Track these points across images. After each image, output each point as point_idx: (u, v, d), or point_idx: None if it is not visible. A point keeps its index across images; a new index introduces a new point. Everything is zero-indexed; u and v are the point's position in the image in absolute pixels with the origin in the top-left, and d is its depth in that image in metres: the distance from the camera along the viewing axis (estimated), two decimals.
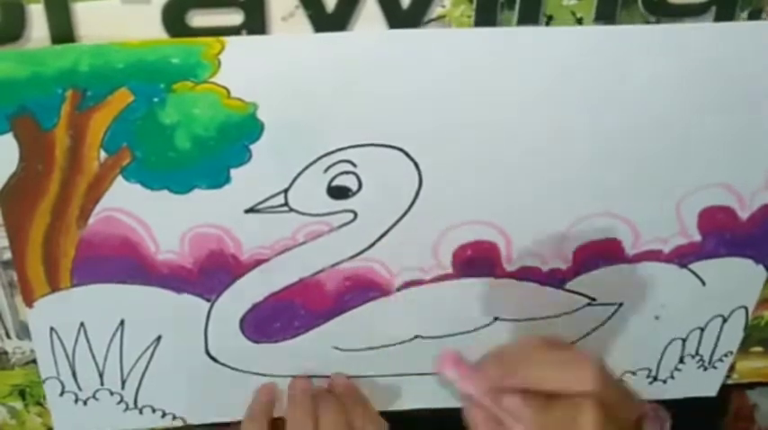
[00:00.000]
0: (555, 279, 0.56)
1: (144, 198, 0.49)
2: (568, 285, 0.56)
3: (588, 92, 0.48)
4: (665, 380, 0.63)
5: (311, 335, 0.56)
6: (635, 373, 0.63)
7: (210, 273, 0.52)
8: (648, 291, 0.58)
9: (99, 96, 0.45)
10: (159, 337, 0.55)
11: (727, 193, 0.54)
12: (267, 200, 0.50)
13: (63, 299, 0.52)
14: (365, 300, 0.55)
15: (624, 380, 0.51)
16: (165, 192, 0.49)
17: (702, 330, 0.61)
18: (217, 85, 0.45)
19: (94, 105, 0.46)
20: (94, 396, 0.57)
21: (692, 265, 0.57)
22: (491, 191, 0.52)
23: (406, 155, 0.49)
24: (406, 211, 0.52)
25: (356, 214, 0.51)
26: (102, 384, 0.57)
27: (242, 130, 0.47)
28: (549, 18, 0.46)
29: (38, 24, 0.43)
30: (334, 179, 0.50)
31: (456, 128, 0.49)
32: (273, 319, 0.55)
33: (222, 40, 0.44)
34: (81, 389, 0.57)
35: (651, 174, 0.52)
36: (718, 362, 0.63)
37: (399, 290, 0.55)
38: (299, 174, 0.49)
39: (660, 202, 0.54)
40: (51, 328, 0.54)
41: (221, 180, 0.49)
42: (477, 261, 0.54)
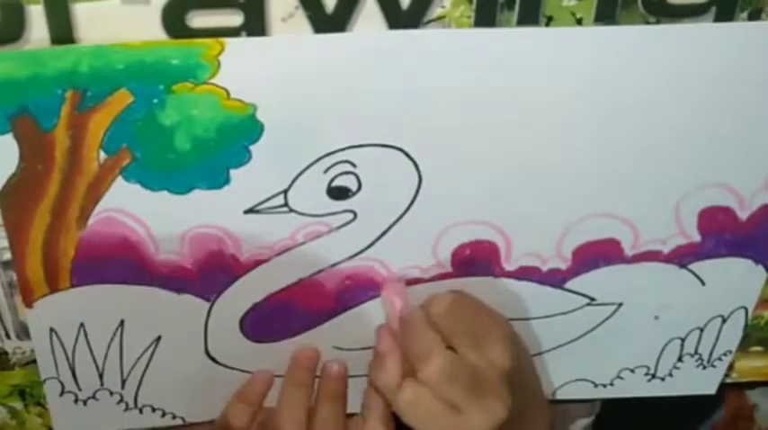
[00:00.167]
0: (554, 279, 0.56)
1: (144, 199, 0.49)
2: (568, 285, 0.56)
3: (588, 92, 0.48)
4: (663, 378, 0.63)
5: (311, 335, 0.56)
6: (633, 371, 0.63)
7: (210, 273, 0.52)
8: (648, 291, 0.57)
9: (99, 97, 0.45)
10: (159, 337, 0.55)
11: (726, 193, 0.54)
12: (267, 200, 0.50)
13: (63, 299, 0.52)
14: (365, 299, 0.55)
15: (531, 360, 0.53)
16: (165, 193, 0.49)
17: (702, 330, 0.61)
18: (216, 86, 0.45)
19: (94, 106, 0.46)
20: (94, 396, 0.57)
21: (691, 265, 0.57)
22: (490, 190, 0.52)
23: (406, 155, 0.49)
24: (405, 211, 0.52)
25: (356, 214, 0.51)
26: (102, 384, 0.57)
27: (241, 131, 0.47)
28: (549, 19, 0.46)
29: (37, 25, 0.43)
30: (333, 179, 0.50)
31: (455, 128, 0.49)
32: (273, 319, 0.55)
33: (222, 41, 0.44)
34: (81, 389, 0.57)
35: (651, 174, 0.52)
36: (717, 361, 0.63)
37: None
38: (298, 175, 0.49)
39: (660, 202, 0.54)
40: (51, 329, 0.54)
41: (221, 181, 0.49)
42: (477, 260, 0.54)
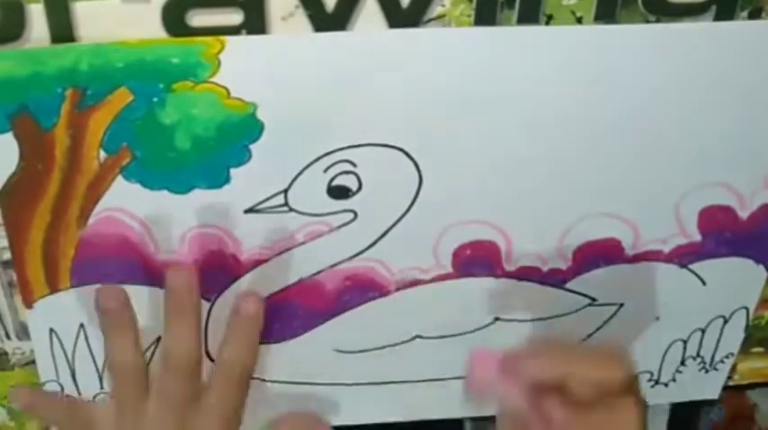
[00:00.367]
0: (555, 279, 0.56)
1: (144, 198, 0.49)
2: (569, 285, 0.56)
3: (588, 91, 0.48)
4: (666, 384, 0.63)
5: (311, 336, 0.56)
6: None
7: (210, 273, 0.52)
8: (649, 291, 0.57)
9: (99, 96, 0.45)
10: (159, 338, 0.55)
11: (727, 193, 0.54)
12: (267, 200, 0.50)
13: (62, 299, 0.52)
14: (365, 299, 0.55)
15: None
16: (165, 193, 0.49)
17: (703, 331, 0.61)
18: (216, 84, 0.45)
19: (94, 105, 0.46)
20: (94, 399, 0.57)
21: (692, 265, 0.57)
22: (491, 190, 0.52)
23: (406, 154, 0.49)
24: (405, 211, 0.51)
25: (356, 214, 0.51)
26: (102, 388, 0.57)
27: (242, 130, 0.47)
28: (549, 17, 0.46)
29: (38, 24, 0.43)
30: (334, 179, 0.50)
31: (456, 127, 0.49)
32: (273, 320, 0.54)
33: (222, 39, 0.44)
34: (80, 392, 0.57)
35: (651, 174, 0.52)
36: (719, 364, 0.63)
37: (399, 289, 0.54)
38: (298, 174, 0.49)
39: (660, 202, 0.54)
40: (51, 329, 0.54)
41: (221, 180, 0.49)
42: (477, 261, 0.54)
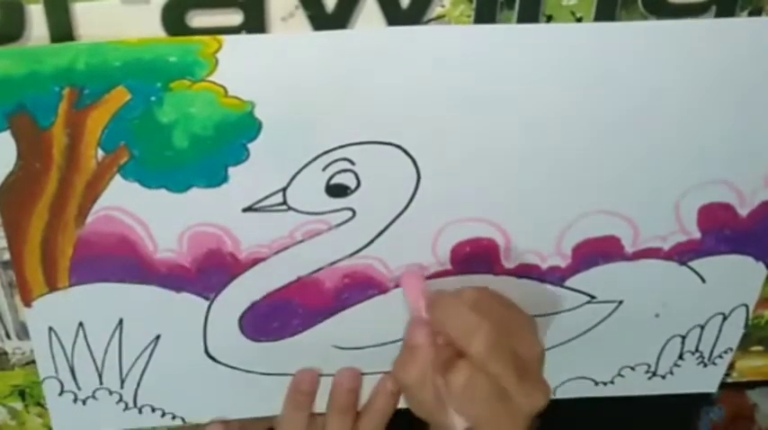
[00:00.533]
0: (554, 276, 0.56)
1: (142, 197, 0.48)
2: (568, 283, 0.56)
3: (588, 89, 0.48)
4: (663, 376, 0.63)
5: (310, 334, 0.56)
6: (633, 369, 0.63)
7: (209, 271, 0.52)
8: (648, 288, 0.57)
9: (96, 94, 0.45)
10: (158, 336, 0.55)
11: (726, 190, 0.54)
12: (265, 198, 0.50)
13: (61, 298, 0.52)
14: (364, 297, 0.55)
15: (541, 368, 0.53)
16: (163, 191, 0.49)
17: (702, 328, 0.61)
18: (214, 83, 0.45)
19: (92, 104, 0.45)
20: (93, 395, 0.57)
21: (691, 263, 0.57)
22: (489, 188, 0.51)
23: (405, 152, 0.49)
24: (404, 209, 0.51)
25: (354, 212, 0.51)
26: (102, 383, 0.57)
27: (239, 129, 0.47)
28: (549, 18, 0.46)
29: (37, 24, 0.43)
30: (332, 177, 0.49)
31: (454, 125, 0.49)
32: (272, 318, 0.55)
33: (219, 38, 0.44)
34: (80, 388, 0.57)
35: (650, 172, 0.52)
36: (717, 359, 0.63)
37: (398, 287, 0.54)
38: (297, 173, 0.49)
39: (660, 200, 0.53)
40: (50, 328, 0.54)
41: (219, 179, 0.49)
42: (476, 258, 0.54)
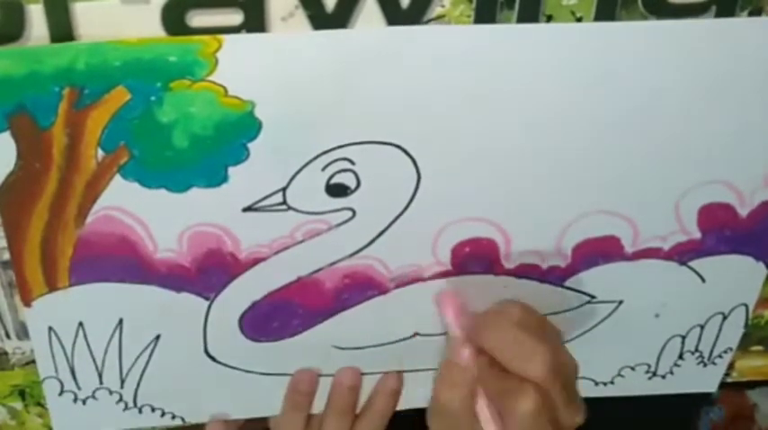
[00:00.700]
0: (554, 276, 0.56)
1: (142, 197, 0.48)
2: (567, 283, 0.56)
3: (588, 89, 0.48)
4: (663, 376, 0.63)
5: (310, 334, 0.56)
6: (633, 369, 0.63)
7: (209, 271, 0.52)
8: (648, 288, 0.57)
9: (96, 94, 0.45)
10: (158, 336, 0.55)
11: (726, 190, 0.54)
12: (265, 198, 0.50)
13: (61, 298, 0.52)
14: (364, 298, 0.55)
15: (577, 384, 0.52)
16: (163, 191, 0.48)
17: (702, 327, 0.61)
18: (214, 83, 0.45)
19: (91, 103, 0.45)
20: (93, 395, 0.57)
21: (691, 263, 0.57)
22: (489, 188, 0.51)
23: (405, 152, 0.49)
24: (404, 209, 0.51)
25: (354, 212, 0.51)
26: (101, 383, 0.57)
27: (239, 129, 0.47)
28: (549, 18, 0.46)
29: (37, 24, 0.43)
30: (332, 177, 0.49)
31: (454, 125, 0.49)
32: (272, 318, 0.55)
33: (219, 37, 0.44)
34: (80, 388, 0.57)
35: (650, 172, 0.52)
36: (717, 359, 0.63)
37: (398, 287, 0.54)
38: (297, 173, 0.49)
39: (660, 200, 0.53)
40: (50, 328, 0.54)
41: (219, 178, 0.49)
42: (476, 258, 0.54)
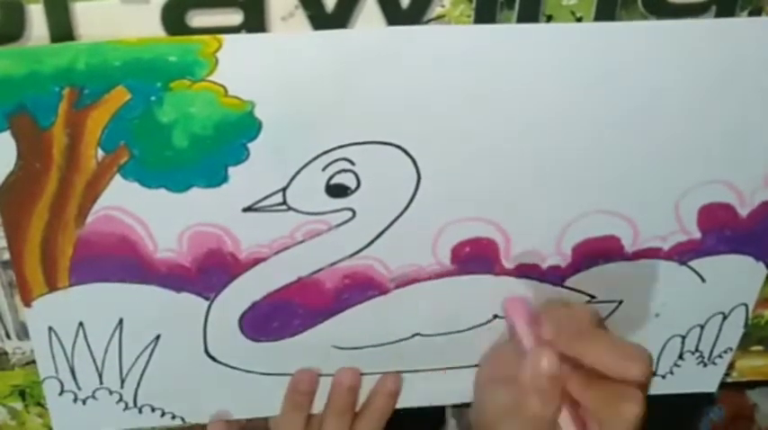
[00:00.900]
0: (554, 276, 0.56)
1: (142, 196, 0.48)
2: (568, 282, 0.56)
3: (588, 89, 0.48)
4: (663, 376, 0.63)
5: (310, 334, 0.56)
6: None
7: (209, 271, 0.52)
8: (648, 288, 0.57)
9: (96, 94, 0.45)
10: (158, 336, 0.55)
11: (727, 190, 0.54)
12: (265, 198, 0.50)
13: (61, 298, 0.52)
14: (364, 298, 0.55)
15: None
16: (163, 191, 0.48)
17: (702, 327, 0.61)
18: (214, 83, 0.45)
19: (92, 103, 0.45)
20: (93, 395, 0.57)
21: (691, 263, 0.57)
22: (490, 187, 0.51)
23: (405, 152, 0.49)
24: (404, 209, 0.51)
25: (355, 212, 0.51)
26: (102, 383, 0.57)
27: (240, 129, 0.47)
28: (549, 18, 0.46)
29: (37, 24, 0.43)
30: (332, 177, 0.49)
31: (455, 125, 0.49)
32: (272, 318, 0.55)
33: (219, 37, 0.44)
34: (80, 388, 0.57)
35: (651, 172, 0.52)
36: (717, 359, 0.63)
37: (398, 288, 0.54)
38: (297, 173, 0.49)
39: (660, 200, 0.53)
40: (50, 328, 0.54)
41: (219, 178, 0.49)
42: (476, 258, 0.54)
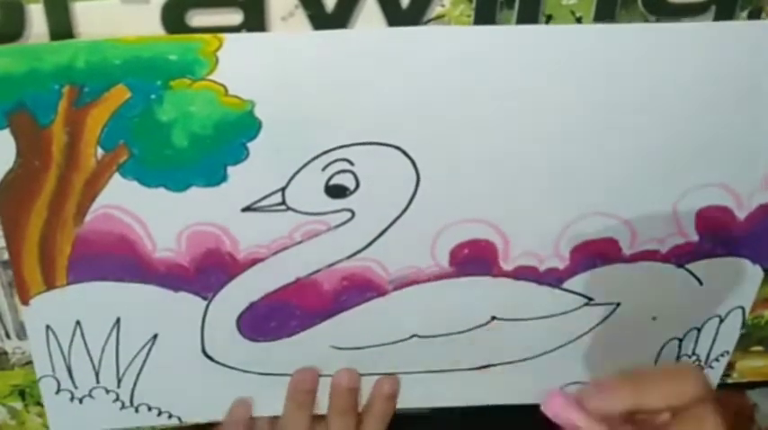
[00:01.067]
0: (552, 278, 0.56)
1: (141, 195, 0.48)
2: (565, 285, 0.56)
3: (587, 90, 0.48)
4: None
5: (308, 335, 0.56)
6: None
7: (207, 271, 0.52)
8: (646, 290, 0.57)
9: (96, 93, 0.45)
10: (155, 335, 0.55)
11: (724, 193, 0.54)
12: (264, 198, 0.50)
13: (59, 296, 0.52)
14: (362, 300, 0.55)
15: None
16: (162, 190, 0.48)
17: (699, 330, 0.61)
18: (214, 82, 0.45)
19: (91, 102, 0.45)
20: (90, 394, 0.57)
21: (689, 265, 0.57)
22: (488, 189, 0.51)
23: (404, 153, 0.49)
24: (403, 210, 0.51)
25: (354, 213, 0.51)
26: (98, 382, 0.57)
27: (239, 128, 0.47)
28: (549, 17, 0.46)
29: (37, 24, 0.43)
30: (331, 178, 0.49)
31: (454, 126, 0.49)
32: (270, 318, 0.55)
33: (220, 36, 0.44)
34: (77, 387, 0.57)
35: (649, 174, 0.52)
36: (714, 362, 0.63)
37: (397, 289, 0.54)
38: (296, 173, 0.49)
39: (658, 202, 0.54)
40: (47, 326, 0.54)
41: (218, 178, 0.49)
42: (475, 260, 0.54)
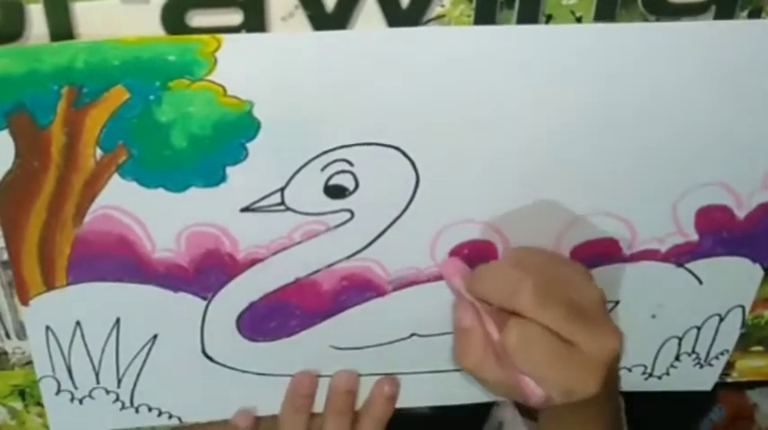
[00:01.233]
0: None
1: (140, 196, 0.48)
2: None
3: (587, 90, 0.48)
4: (660, 377, 0.64)
5: (308, 335, 0.56)
6: (630, 370, 0.63)
7: (207, 271, 0.52)
8: (645, 289, 0.57)
9: (95, 93, 0.45)
10: (155, 336, 0.55)
11: (724, 193, 0.54)
12: (264, 198, 0.50)
13: (58, 297, 0.52)
14: (362, 300, 0.55)
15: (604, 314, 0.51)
16: (161, 191, 0.48)
17: (699, 329, 0.61)
18: (213, 82, 0.45)
19: (90, 102, 0.45)
20: (90, 394, 0.57)
21: (689, 264, 0.57)
22: (488, 190, 0.51)
23: (403, 154, 0.49)
24: (403, 211, 0.51)
25: (353, 213, 0.51)
26: (98, 383, 0.57)
27: (238, 129, 0.47)
28: (549, 17, 0.46)
29: (37, 24, 0.43)
30: (331, 178, 0.49)
31: (453, 126, 0.49)
32: (269, 319, 0.55)
33: (218, 37, 0.44)
34: (77, 387, 0.57)
35: (649, 173, 0.52)
36: (714, 360, 0.63)
37: (396, 289, 0.54)
38: (295, 173, 0.49)
39: (657, 201, 0.54)
40: (47, 327, 0.54)
41: (217, 178, 0.48)
42: (474, 260, 0.54)
